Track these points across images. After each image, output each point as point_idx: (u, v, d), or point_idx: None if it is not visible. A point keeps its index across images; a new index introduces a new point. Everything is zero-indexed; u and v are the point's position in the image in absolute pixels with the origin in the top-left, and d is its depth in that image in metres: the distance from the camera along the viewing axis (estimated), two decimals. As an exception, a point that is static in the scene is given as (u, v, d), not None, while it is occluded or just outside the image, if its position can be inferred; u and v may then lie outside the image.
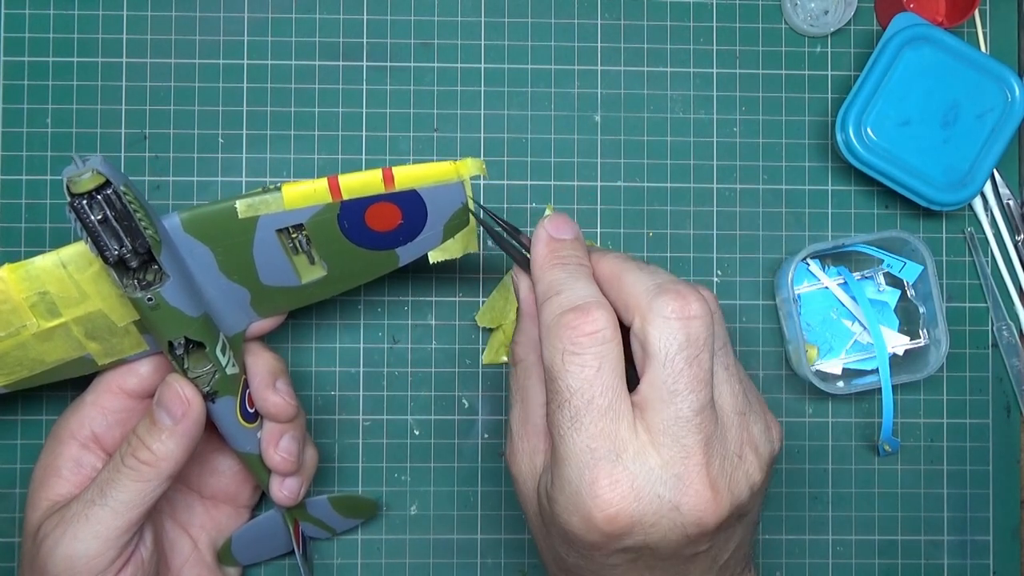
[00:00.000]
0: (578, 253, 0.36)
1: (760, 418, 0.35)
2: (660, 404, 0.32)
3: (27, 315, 0.38)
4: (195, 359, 0.40)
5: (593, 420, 0.32)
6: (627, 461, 0.32)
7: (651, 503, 0.32)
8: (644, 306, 0.33)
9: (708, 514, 0.32)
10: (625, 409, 0.32)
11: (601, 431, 0.32)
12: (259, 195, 0.38)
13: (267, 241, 0.39)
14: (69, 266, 0.38)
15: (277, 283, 0.41)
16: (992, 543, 0.51)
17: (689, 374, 0.32)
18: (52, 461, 0.42)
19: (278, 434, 0.43)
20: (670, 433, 0.32)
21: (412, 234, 0.41)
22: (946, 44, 0.48)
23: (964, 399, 0.51)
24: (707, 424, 0.32)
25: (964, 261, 0.52)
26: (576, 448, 0.32)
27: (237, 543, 0.46)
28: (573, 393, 0.32)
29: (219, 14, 0.50)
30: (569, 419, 0.32)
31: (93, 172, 0.34)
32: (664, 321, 0.32)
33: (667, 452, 0.32)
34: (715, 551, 0.35)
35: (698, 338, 0.32)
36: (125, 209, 0.35)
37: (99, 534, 0.38)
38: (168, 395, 0.40)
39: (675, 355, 0.32)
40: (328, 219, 0.39)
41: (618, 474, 0.32)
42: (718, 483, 0.32)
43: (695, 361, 0.32)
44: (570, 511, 0.33)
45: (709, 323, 0.33)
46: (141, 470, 0.39)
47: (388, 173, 0.38)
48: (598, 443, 0.32)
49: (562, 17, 0.51)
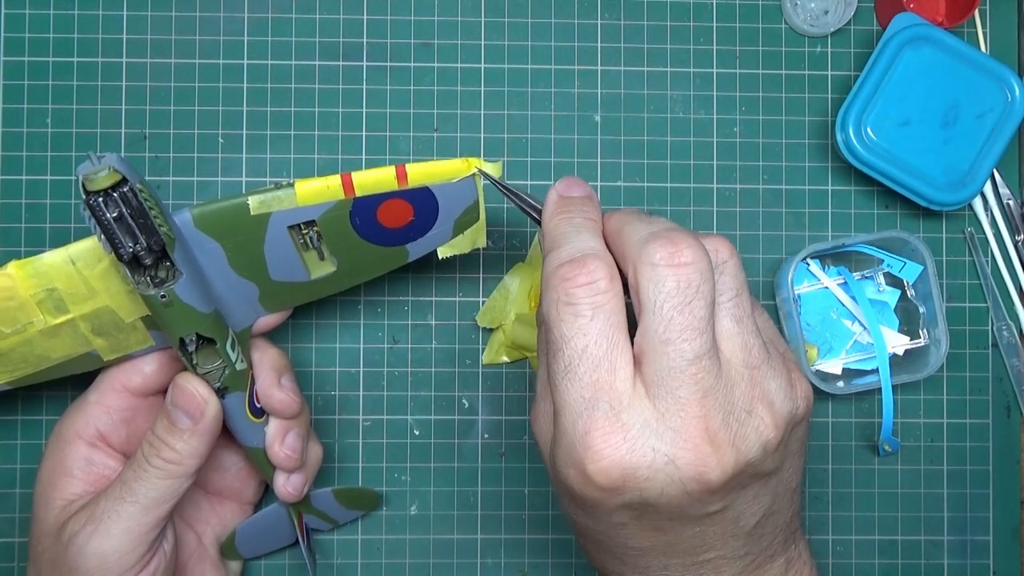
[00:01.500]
0: (586, 209, 0.36)
1: (780, 374, 0.33)
2: (653, 354, 0.31)
3: (34, 312, 0.38)
4: (204, 355, 0.40)
5: (587, 370, 0.31)
6: (621, 412, 0.31)
7: (645, 456, 0.31)
8: (635, 255, 0.32)
9: (708, 469, 0.31)
10: (622, 361, 0.31)
11: (595, 381, 0.31)
12: (272, 191, 0.38)
13: (278, 237, 0.39)
14: (78, 262, 0.38)
15: (286, 279, 0.41)
16: (992, 543, 0.51)
17: (680, 322, 0.31)
18: (61, 461, 0.42)
19: (283, 430, 0.43)
20: (664, 384, 0.31)
21: (423, 230, 0.41)
22: (946, 44, 0.48)
23: (964, 399, 0.51)
24: (704, 375, 0.31)
25: (964, 261, 0.52)
26: (570, 398, 0.32)
27: (241, 536, 0.47)
28: (566, 342, 0.32)
29: (219, 14, 0.50)
30: (563, 369, 0.32)
31: (110, 169, 0.34)
32: (652, 268, 0.31)
33: (662, 404, 0.31)
34: (734, 513, 0.33)
35: (689, 285, 0.31)
36: (141, 207, 0.35)
37: (130, 530, 0.39)
38: (183, 396, 0.40)
39: (663, 302, 0.31)
40: (340, 216, 0.39)
41: (611, 425, 0.31)
42: (719, 437, 0.31)
43: (686, 308, 0.31)
44: (567, 463, 0.32)
45: (703, 269, 0.31)
46: (168, 468, 0.39)
47: (401, 170, 0.38)
48: (591, 393, 0.31)
49: (562, 17, 0.51)
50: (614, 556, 0.35)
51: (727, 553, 0.34)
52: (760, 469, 0.33)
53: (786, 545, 0.36)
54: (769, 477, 0.33)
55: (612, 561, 0.36)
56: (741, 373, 0.32)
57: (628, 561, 0.35)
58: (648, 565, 0.35)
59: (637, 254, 0.32)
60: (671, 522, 0.33)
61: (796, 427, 0.34)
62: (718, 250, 0.33)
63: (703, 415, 0.31)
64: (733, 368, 0.32)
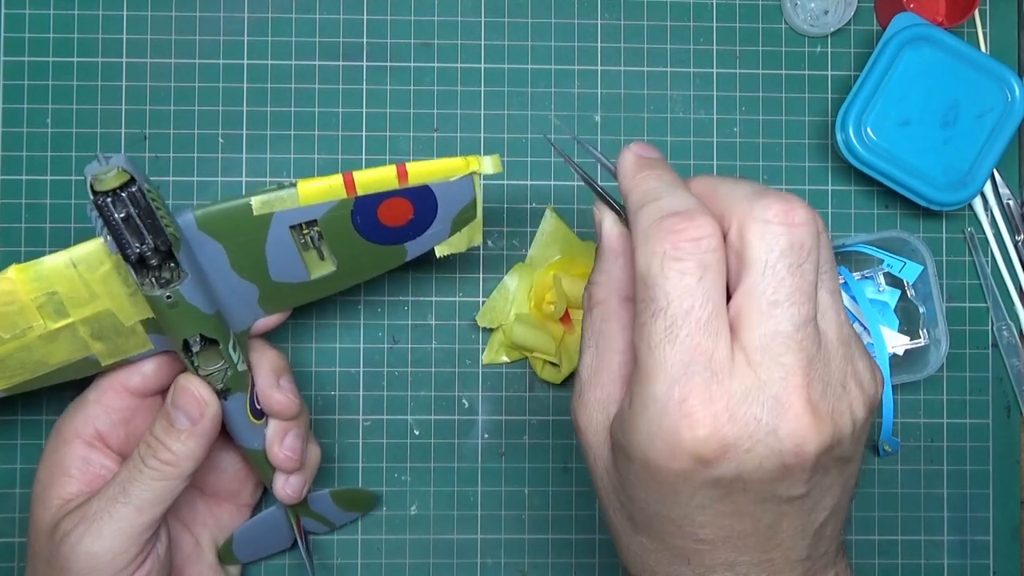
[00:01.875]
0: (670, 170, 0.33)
1: (865, 356, 0.32)
2: (758, 317, 0.29)
3: (34, 316, 0.38)
4: (206, 357, 0.40)
5: (690, 333, 0.29)
6: (723, 379, 0.29)
7: (747, 425, 0.29)
8: (743, 210, 0.30)
9: (808, 440, 0.29)
10: (724, 329, 0.29)
11: (697, 345, 0.29)
12: (274, 192, 0.38)
13: (280, 237, 0.39)
14: (80, 265, 0.37)
15: (286, 279, 0.41)
16: (992, 543, 0.51)
17: (791, 283, 0.29)
18: (59, 461, 0.42)
19: (283, 432, 0.43)
20: (769, 351, 0.29)
21: (422, 228, 0.41)
22: (946, 44, 0.48)
23: (964, 399, 0.51)
24: (809, 343, 0.29)
25: (964, 261, 0.52)
26: (668, 362, 0.29)
27: (239, 541, 0.46)
28: (671, 301, 0.29)
29: (219, 14, 0.50)
30: (664, 329, 0.29)
31: (119, 170, 0.34)
32: (765, 225, 0.29)
33: (765, 372, 0.29)
34: (811, 502, 0.31)
35: (803, 245, 0.29)
36: (149, 207, 0.35)
37: (123, 531, 0.39)
38: (184, 397, 0.40)
39: (776, 261, 0.29)
40: (342, 215, 0.39)
41: (713, 391, 0.29)
42: (820, 408, 0.29)
43: (799, 270, 0.29)
44: (653, 435, 0.29)
45: (814, 232, 0.30)
46: (163, 470, 0.39)
47: (402, 169, 0.39)
48: (693, 357, 0.29)
49: (562, 17, 0.51)
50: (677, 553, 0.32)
51: (792, 555, 0.32)
52: (845, 451, 0.31)
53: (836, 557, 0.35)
54: (845, 465, 0.32)
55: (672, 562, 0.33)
56: (837, 348, 0.31)
57: (693, 559, 0.32)
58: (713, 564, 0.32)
59: (747, 210, 0.30)
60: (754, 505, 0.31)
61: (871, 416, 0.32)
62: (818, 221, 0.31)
63: (806, 384, 0.29)
64: (829, 341, 0.31)
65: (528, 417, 0.50)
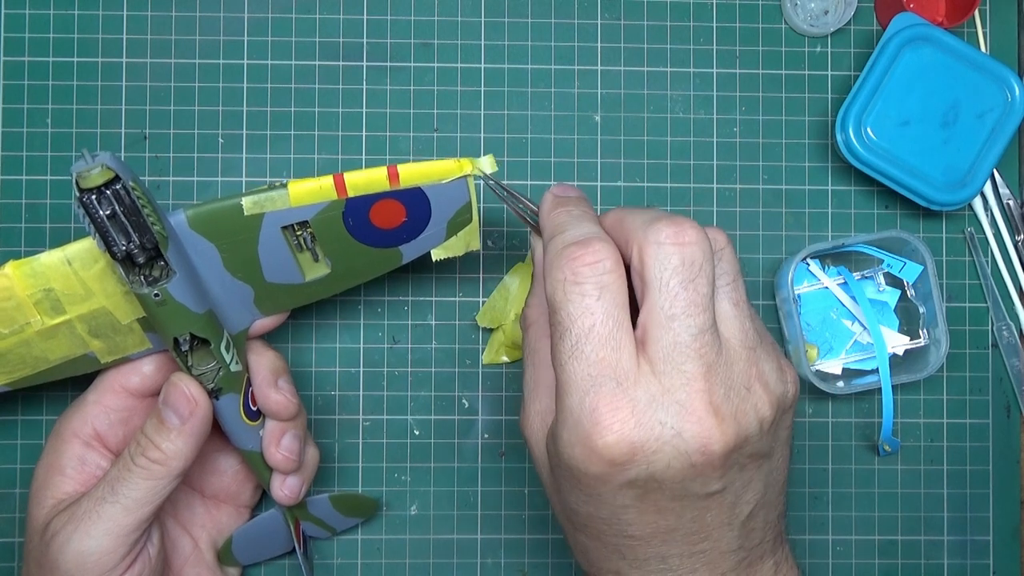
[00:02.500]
0: (582, 205, 0.37)
1: (772, 358, 0.35)
2: (659, 331, 0.32)
3: (31, 312, 0.38)
4: (199, 356, 0.40)
5: (594, 348, 0.32)
6: (628, 388, 0.32)
7: (652, 429, 0.32)
8: (640, 235, 0.33)
9: (712, 440, 0.32)
10: (627, 341, 0.32)
11: (602, 359, 0.32)
12: (265, 192, 0.38)
13: (272, 238, 0.39)
14: (74, 263, 0.38)
15: (281, 280, 0.41)
16: (992, 543, 0.51)
17: (685, 297, 0.32)
18: (56, 460, 0.42)
19: (280, 432, 0.43)
20: (671, 360, 0.32)
21: (416, 231, 0.41)
22: (946, 44, 0.48)
23: (964, 399, 0.51)
24: (707, 351, 0.32)
25: (964, 261, 0.52)
26: (577, 376, 0.32)
27: (237, 542, 0.46)
28: (574, 321, 0.32)
29: (219, 14, 0.50)
30: (570, 348, 0.32)
31: (103, 167, 0.34)
32: (658, 247, 0.32)
33: (668, 379, 0.32)
34: (731, 497, 0.34)
35: (693, 262, 0.32)
36: (134, 204, 0.35)
37: (110, 531, 0.39)
38: (174, 395, 0.40)
39: (670, 278, 0.32)
40: (333, 216, 0.39)
41: (619, 400, 0.32)
42: (722, 410, 0.32)
43: (691, 285, 0.32)
44: (572, 442, 0.32)
45: (706, 250, 0.33)
46: (152, 469, 0.39)
47: (393, 170, 0.38)
48: (598, 370, 0.32)
49: (562, 17, 0.51)
50: (612, 550, 0.35)
51: (722, 546, 0.35)
52: (756, 448, 0.34)
53: (774, 547, 0.37)
54: (763, 461, 0.35)
55: (609, 557, 0.36)
56: (739, 353, 0.33)
57: (627, 554, 0.35)
58: (647, 557, 0.35)
59: (643, 235, 0.33)
60: (673, 502, 0.33)
61: (785, 413, 0.35)
62: (715, 238, 0.34)
63: (707, 389, 0.32)
64: (732, 348, 0.33)
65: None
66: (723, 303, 0.34)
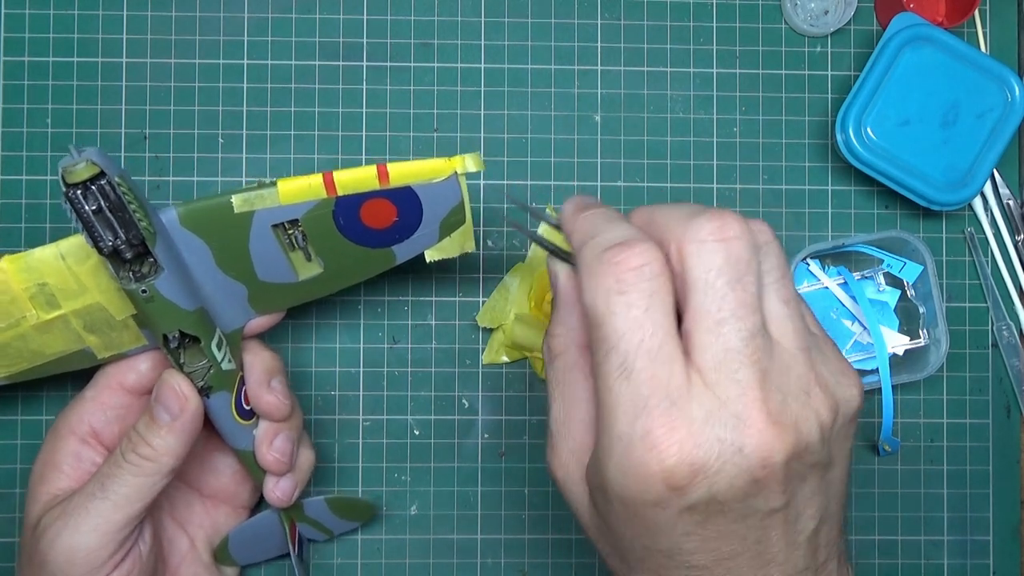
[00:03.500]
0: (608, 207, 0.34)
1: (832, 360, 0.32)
2: (708, 337, 0.29)
3: (27, 306, 0.39)
4: (191, 354, 0.40)
5: (644, 365, 0.29)
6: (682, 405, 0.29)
7: (712, 447, 0.29)
8: (679, 232, 0.30)
9: (775, 451, 0.29)
10: (677, 352, 0.30)
11: (653, 376, 0.29)
12: (255, 190, 0.38)
13: (263, 236, 0.39)
14: (68, 258, 0.38)
15: (274, 279, 0.41)
16: (992, 543, 0.51)
17: (734, 299, 0.29)
18: (52, 456, 0.42)
19: (272, 433, 0.43)
20: (723, 369, 0.29)
21: (408, 232, 0.41)
22: (946, 44, 0.48)
23: (964, 399, 0.51)
24: (760, 355, 0.29)
25: (964, 261, 0.52)
26: (627, 397, 0.29)
27: (234, 541, 0.46)
28: (621, 337, 0.29)
29: (219, 14, 0.50)
30: (618, 367, 0.29)
31: (87, 162, 0.34)
32: (700, 244, 0.30)
33: (722, 391, 0.29)
34: (793, 512, 0.31)
35: (740, 259, 0.30)
36: (119, 200, 0.35)
37: (99, 527, 0.39)
38: (165, 392, 0.40)
39: (716, 279, 0.29)
40: (324, 215, 0.39)
41: (675, 420, 0.29)
42: (781, 418, 0.29)
43: (739, 284, 0.29)
44: (624, 471, 0.30)
45: (751, 244, 0.30)
46: (143, 465, 0.39)
47: (383, 169, 0.38)
48: (650, 389, 0.29)
49: (562, 17, 0.51)
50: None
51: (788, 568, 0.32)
52: (818, 458, 0.31)
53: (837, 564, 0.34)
54: (824, 471, 0.32)
55: None
56: (795, 355, 0.31)
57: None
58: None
59: (682, 232, 0.30)
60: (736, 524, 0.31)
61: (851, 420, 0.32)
62: (761, 231, 0.31)
63: (764, 397, 0.29)
64: (786, 350, 0.31)
65: (528, 417, 0.50)
66: (773, 302, 0.31)
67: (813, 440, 0.30)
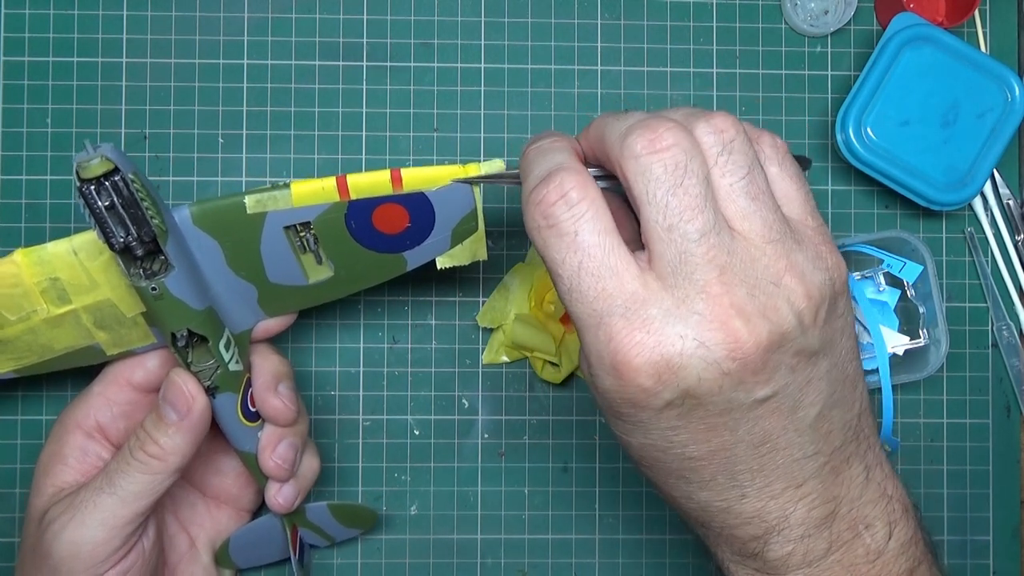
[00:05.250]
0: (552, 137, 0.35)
1: (807, 247, 0.32)
2: (660, 245, 0.30)
3: (38, 300, 0.39)
4: (199, 353, 0.40)
5: (590, 284, 0.31)
6: (638, 310, 0.30)
7: (673, 344, 0.30)
8: (617, 152, 0.31)
9: (741, 343, 0.30)
10: (623, 263, 0.31)
11: (601, 291, 0.31)
12: (268, 191, 0.38)
13: (275, 238, 0.39)
14: (80, 253, 0.38)
15: (284, 281, 0.41)
16: (992, 543, 0.51)
17: (676, 204, 0.30)
18: (58, 449, 0.42)
19: (276, 438, 0.43)
20: (678, 272, 0.30)
21: (420, 238, 0.41)
22: (946, 44, 0.48)
23: (964, 399, 0.51)
24: (716, 253, 0.30)
25: (964, 261, 0.52)
26: (584, 315, 0.31)
27: (235, 544, 0.46)
28: (560, 264, 0.31)
29: (219, 14, 0.50)
30: (568, 290, 0.31)
31: (102, 158, 0.34)
32: (636, 160, 0.31)
33: (680, 291, 0.30)
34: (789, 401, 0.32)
35: (676, 166, 0.30)
36: (132, 197, 0.35)
37: (105, 521, 0.39)
38: (172, 391, 0.40)
39: (655, 190, 0.30)
40: (335, 218, 0.39)
41: (631, 324, 0.30)
42: (746, 310, 0.30)
43: (679, 190, 0.30)
44: (602, 376, 0.31)
45: (687, 147, 0.30)
46: (150, 463, 0.39)
47: (396, 174, 0.38)
48: (602, 303, 0.30)
49: (562, 17, 0.51)
50: (678, 476, 0.33)
51: (795, 453, 0.33)
52: (803, 345, 0.31)
53: (862, 449, 0.34)
54: (818, 358, 0.32)
55: (678, 484, 0.34)
56: (761, 248, 0.31)
57: (691, 477, 0.33)
58: (712, 476, 0.33)
59: (619, 151, 0.31)
60: (722, 416, 0.31)
61: (835, 301, 0.32)
62: (723, 130, 0.31)
63: (726, 292, 0.30)
64: (752, 244, 0.31)
65: (528, 417, 0.50)
66: (738, 200, 0.31)
67: (789, 328, 0.31)
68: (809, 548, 0.33)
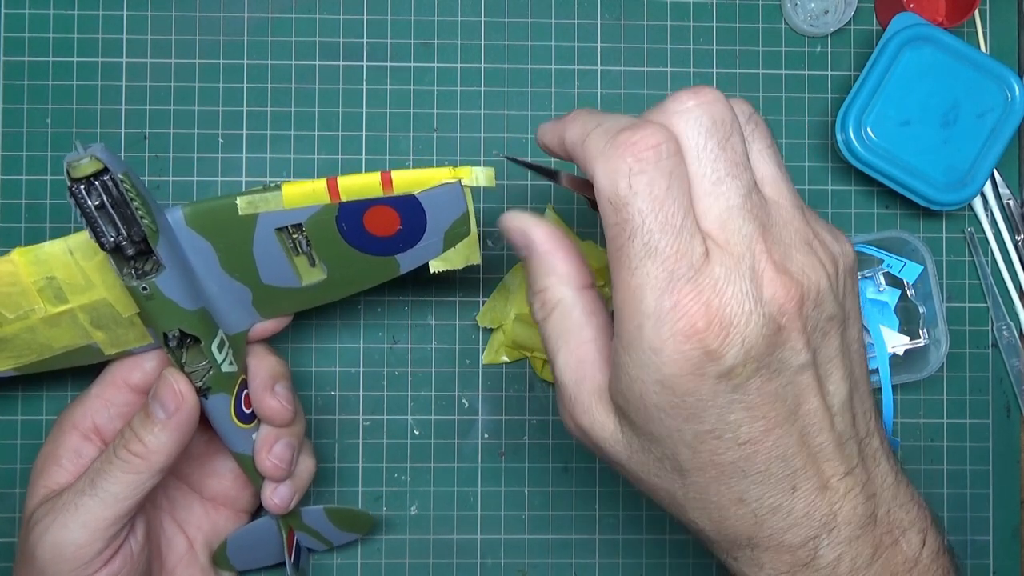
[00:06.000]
0: None
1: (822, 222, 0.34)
2: (708, 200, 0.30)
3: (35, 299, 0.39)
4: (192, 354, 0.40)
5: (669, 242, 0.30)
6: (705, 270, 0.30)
7: (738, 302, 0.30)
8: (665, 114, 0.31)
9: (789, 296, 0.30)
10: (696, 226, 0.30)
11: (678, 251, 0.30)
12: (259, 193, 0.38)
13: (267, 240, 0.39)
14: (76, 253, 0.38)
15: (278, 283, 0.41)
16: (992, 543, 0.51)
17: (726, 158, 0.30)
18: (53, 450, 0.42)
19: (273, 439, 0.43)
20: (728, 227, 0.30)
21: (412, 241, 0.41)
22: (946, 44, 0.48)
23: (964, 399, 0.51)
24: (759, 210, 0.31)
25: (964, 261, 0.52)
26: (653, 275, 0.30)
27: (232, 545, 0.46)
28: (645, 217, 0.30)
29: (219, 14, 0.50)
30: (643, 247, 0.30)
31: (91, 158, 0.34)
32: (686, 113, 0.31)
33: (734, 247, 0.30)
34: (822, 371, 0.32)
35: (724, 120, 0.31)
36: (122, 197, 0.35)
37: (87, 524, 0.38)
38: (163, 388, 0.40)
39: (706, 142, 0.30)
40: (327, 220, 0.39)
41: (701, 285, 0.30)
42: (787, 266, 0.31)
43: (728, 144, 0.31)
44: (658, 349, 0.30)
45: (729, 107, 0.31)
46: (132, 462, 0.39)
47: (386, 176, 0.38)
48: (674, 264, 0.30)
49: (562, 17, 0.51)
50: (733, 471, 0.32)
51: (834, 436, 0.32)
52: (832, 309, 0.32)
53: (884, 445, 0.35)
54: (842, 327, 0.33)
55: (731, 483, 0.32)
56: (792, 212, 0.32)
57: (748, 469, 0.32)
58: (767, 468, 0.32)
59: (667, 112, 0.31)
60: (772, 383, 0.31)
61: (851, 275, 0.34)
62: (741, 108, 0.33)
63: (768, 248, 0.30)
64: (783, 208, 0.32)
65: (528, 417, 0.50)
66: (767, 166, 0.32)
67: (824, 288, 0.31)
68: (857, 553, 0.33)
